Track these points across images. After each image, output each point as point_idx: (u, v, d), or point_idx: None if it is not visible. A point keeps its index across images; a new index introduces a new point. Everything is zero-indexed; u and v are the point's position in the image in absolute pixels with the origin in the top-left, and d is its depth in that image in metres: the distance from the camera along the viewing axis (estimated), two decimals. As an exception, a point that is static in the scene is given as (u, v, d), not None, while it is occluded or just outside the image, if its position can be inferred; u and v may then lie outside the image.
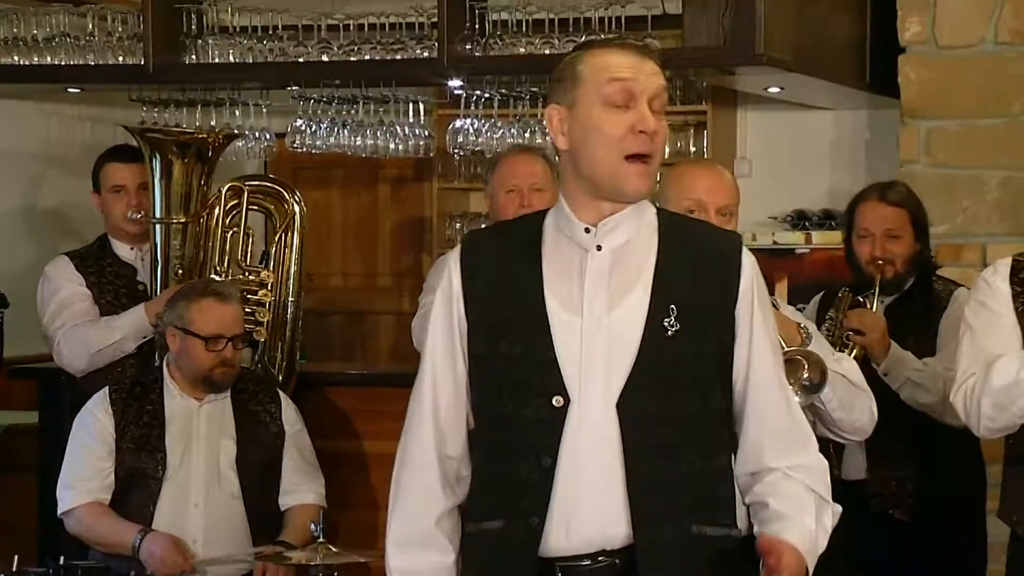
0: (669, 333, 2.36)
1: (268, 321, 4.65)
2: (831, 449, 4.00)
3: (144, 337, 4.51)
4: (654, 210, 2.47)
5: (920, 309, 4.02)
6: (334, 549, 3.78)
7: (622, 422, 2.35)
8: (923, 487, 3.94)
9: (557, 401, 2.36)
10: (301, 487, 4.26)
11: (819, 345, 3.10)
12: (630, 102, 2.37)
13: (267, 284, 4.68)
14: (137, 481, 4.12)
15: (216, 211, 4.68)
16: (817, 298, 4.20)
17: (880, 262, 3.98)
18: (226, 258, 4.68)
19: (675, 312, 2.37)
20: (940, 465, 3.71)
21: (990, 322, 3.12)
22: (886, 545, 4.00)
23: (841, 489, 4.04)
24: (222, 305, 4.15)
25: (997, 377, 3.02)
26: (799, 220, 6.10)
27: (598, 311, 2.38)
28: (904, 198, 4.07)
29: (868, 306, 3.95)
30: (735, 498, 2.45)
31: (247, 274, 4.69)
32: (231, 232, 4.70)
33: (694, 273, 2.41)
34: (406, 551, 2.48)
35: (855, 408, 3.12)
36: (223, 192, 4.70)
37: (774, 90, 5.60)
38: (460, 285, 2.45)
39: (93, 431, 4.16)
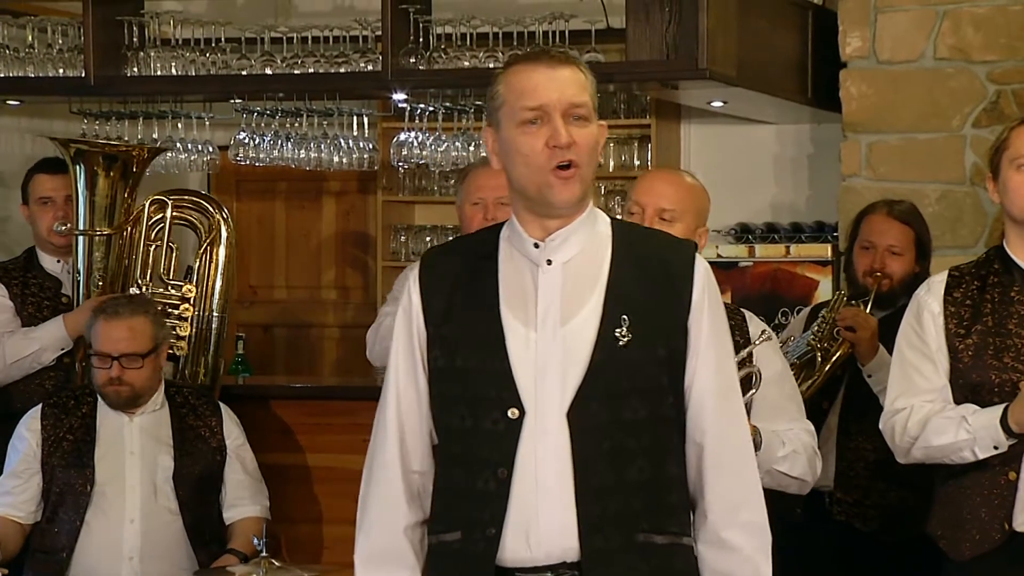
0: (621, 343, 2.39)
1: (190, 336, 4.62)
2: None
3: (62, 349, 4.48)
4: (608, 220, 2.50)
5: None
6: (277, 563, 3.76)
7: (572, 432, 2.38)
8: (888, 499, 3.97)
9: (512, 413, 2.38)
10: (244, 500, 4.24)
11: (767, 443, 3.15)
12: (543, 118, 2.40)
13: (189, 298, 4.65)
14: (67, 497, 4.10)
15: (140, 224, 4.66)
16: (805, 311, 4.27)
17: (878, 274, 4.02)
18: (148, 271, 4.65)
19: (627, 322, 2.40)
20: (907, 478, 3.74)
21: (919, 352, 3.17)
22: (845, 555, 4.02)
23: (805, 495, 4.10)
24: (108, 323, 4.12)
25: (934, 436, 3.10)
26: (742, 233, 6.13)
27: (552, 324, 2.41)
28: (912, 217, 4.12)
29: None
30: (684, 506, 2.47)
31: (169, 288, 4.66)
32: (154, 245, 4.68)
33: (647, 283, 2.44)
34: (373, 567, 2.49)
35: (788, 488, 3.27)
36: (147, 205, 4.68)
37: (717, 104, 5.63)
38: (419, 301, 2.48)
39: (19, 449, 4.17)
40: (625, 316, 2.40)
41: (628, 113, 6.43)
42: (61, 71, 5.29)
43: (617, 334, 2.39)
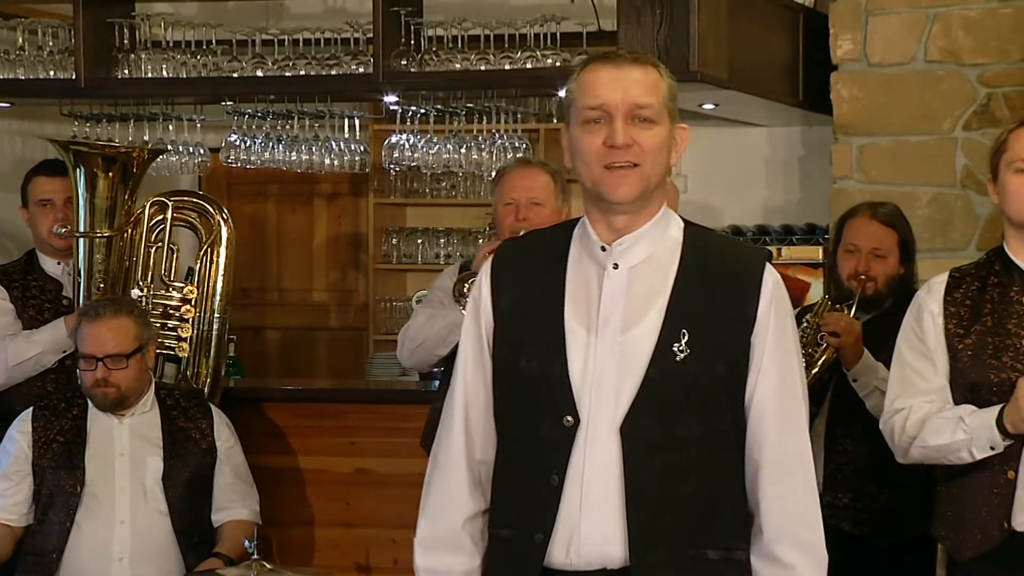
0: (678, 358, 2.38)
1: (191, 337, 4.62)
2: None
3: (64, 351, 4.48)
4: (681, 225, 2.49)
5: (897, 330, 4.04)
6: (268, 566, 3.75)
7: (624, 444, 2.38)
8: (879, 502, 3.97)
9: (567, 421, 2.39)
10: (234, 503, 4.23)
11: None
12: (604, 118, 2.41)
13: (190, 300, 4.65)
14: (57, 498, 4.10)
15: (140, 226, 4.65)
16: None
17: (862, 277, 4.02)
18: (149, 273, 4.65)
19: (686, 336, 2.39)
20: (898, 480, 3.74)
21: (919, 353, 3.17)
22: (837, 558, 4.02)
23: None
24: (90, 324, 4.12)
25: (932, 436, 3.11)
26: (733, 236, 6.13)
27: (612, 332, 2.41)
28: (895, 219, 4.11)
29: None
30: (740, 520, 2.44)
31: (170, 289, 4.65)
32: (155, 247, 4.67)
33: (712, 295, 2.42)
34: (432, 551, 2.52)
35: None
36: (147, 207, 4.67)
37: (708, 106, 5.64)
38: (489, 295, 2.50)
39: (10, 451, 4.16)
40: (685, 330, 2.39)
41: (619, 115, 6.43)
42: (52, 73, 5.28)
43: (675, 348, 2.38)
